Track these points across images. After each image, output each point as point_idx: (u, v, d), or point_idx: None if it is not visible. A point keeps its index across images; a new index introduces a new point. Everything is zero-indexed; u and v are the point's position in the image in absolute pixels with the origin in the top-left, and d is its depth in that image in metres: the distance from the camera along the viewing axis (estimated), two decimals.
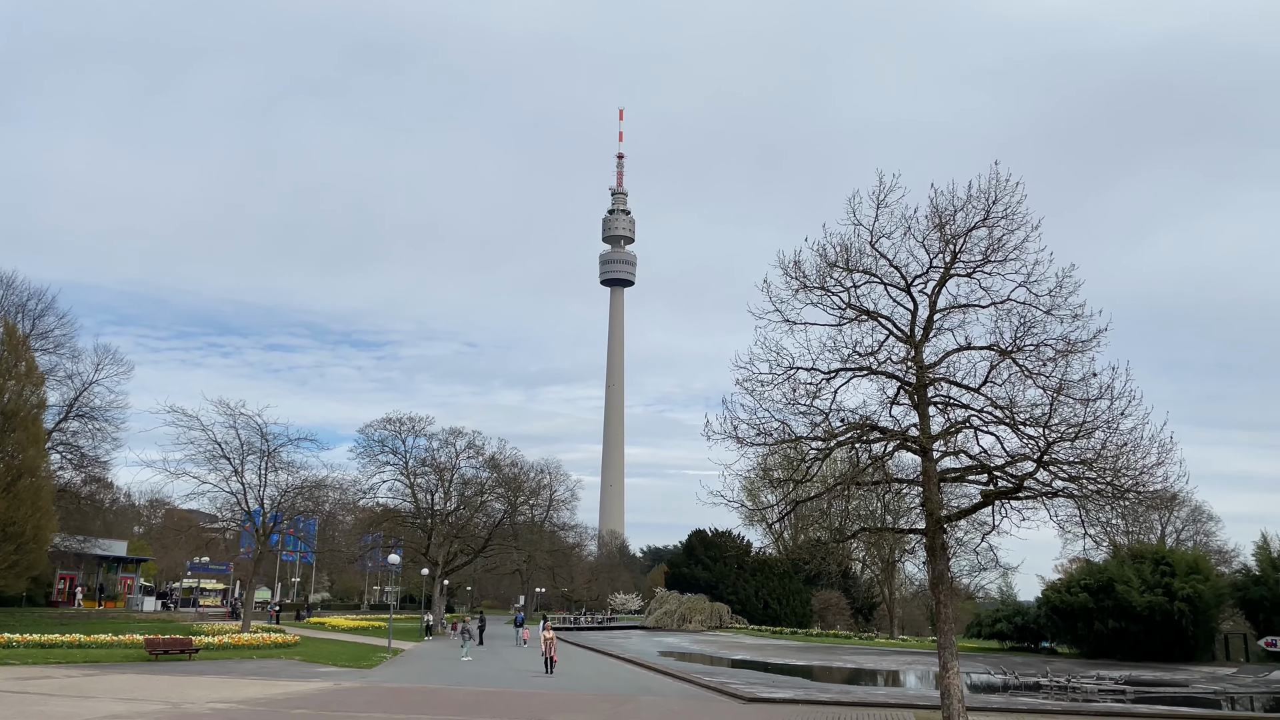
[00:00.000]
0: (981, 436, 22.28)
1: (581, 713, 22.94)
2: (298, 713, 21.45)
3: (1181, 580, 56.77)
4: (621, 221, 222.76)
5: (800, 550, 54.06)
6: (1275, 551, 60.74)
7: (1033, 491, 21.31)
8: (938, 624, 21.97)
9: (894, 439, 22.78)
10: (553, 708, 23.91)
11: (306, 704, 23.34)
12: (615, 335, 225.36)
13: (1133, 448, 19.80)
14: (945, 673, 20.75)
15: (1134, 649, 57.21)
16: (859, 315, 23.00)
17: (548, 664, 35.89)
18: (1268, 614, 57.74)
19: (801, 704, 26.99)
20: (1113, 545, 64.32)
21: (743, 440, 22.73)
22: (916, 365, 22.46)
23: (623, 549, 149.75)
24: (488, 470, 77.25)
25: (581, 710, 23.49)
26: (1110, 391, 19.88)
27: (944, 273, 22.35)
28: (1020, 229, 21.40)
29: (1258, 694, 38.24)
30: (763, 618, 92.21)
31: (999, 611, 72.97)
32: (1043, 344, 21.09)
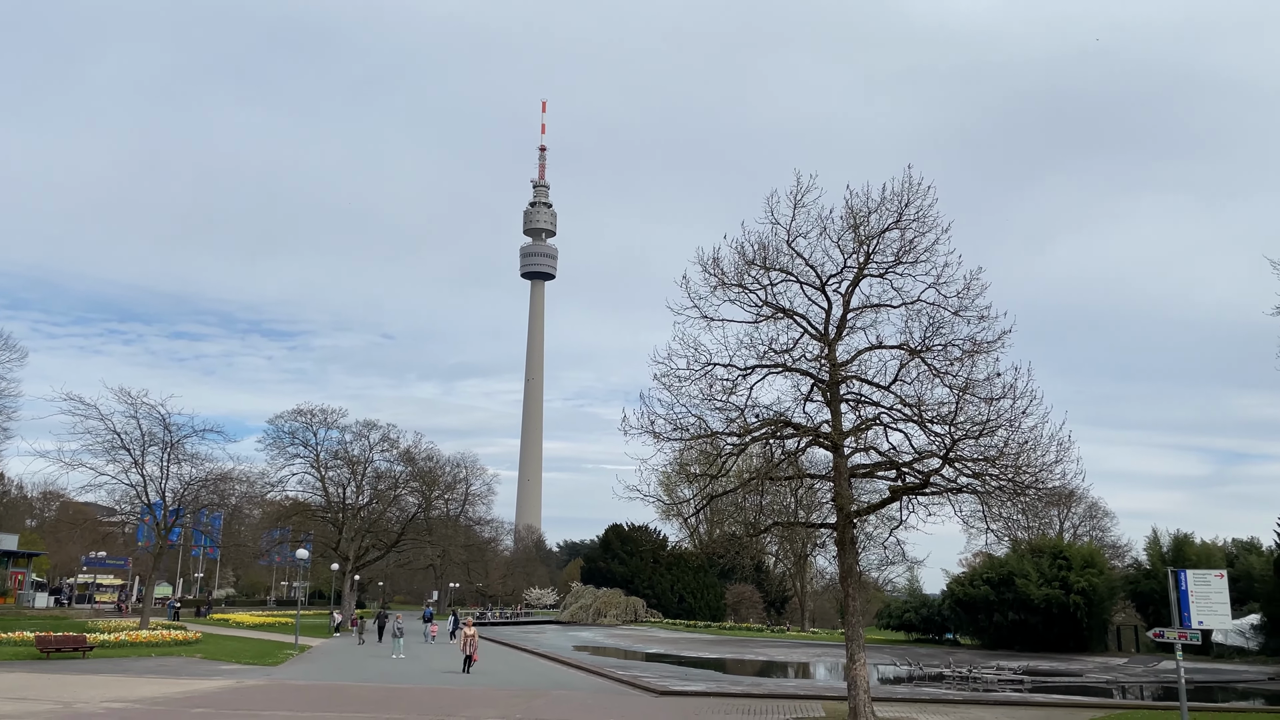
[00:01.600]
0: (891, 433, 22.88)
1: (492, 708, 22.77)
2: (198, 712, 20.81)
3: (1077, 574, 59.15)
4: (543, 214, 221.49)
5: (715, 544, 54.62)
6: (1165, 547, 63.75)
7: (939, 487, 21.93)
8: (846, 617, 22.44)
9: (807, 435, 23.19)
10: (463, 703, 23.68)
11: (208, 703, 22.66)
12: (535, 329, 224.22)
13: (1033, 446, 20.55)
14: (853, 664, 21.20)
15: (1032, 640, 59.35)
16: (775, 313, 23.34)
17: (466, 663, 34.00)
18: (1157, 606, 60.53)
19: (713, 696, 27.27)
20: (1013, 540, 66.52)
21: (659, 435, 22.88)
22: (830, 363, 22.89)
23: (539, 544, 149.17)
24: (402, 464, 76.03)
25: (492, 705, 23.32)
26: (1013, 391, 20.59)
27: (858, 273, 22.82)
28: (931, 232, 22.01)
29: (1147, 683, 40.02)
30: (677, 611, 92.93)
31: (906, 604, 74.92)
32: (950, 344, 21.73)
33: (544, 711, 22.70)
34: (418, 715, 20.97)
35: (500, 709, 22.57)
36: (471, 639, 34.19)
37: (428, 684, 29.71)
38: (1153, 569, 62.25)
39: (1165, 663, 48.17)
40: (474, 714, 21.43)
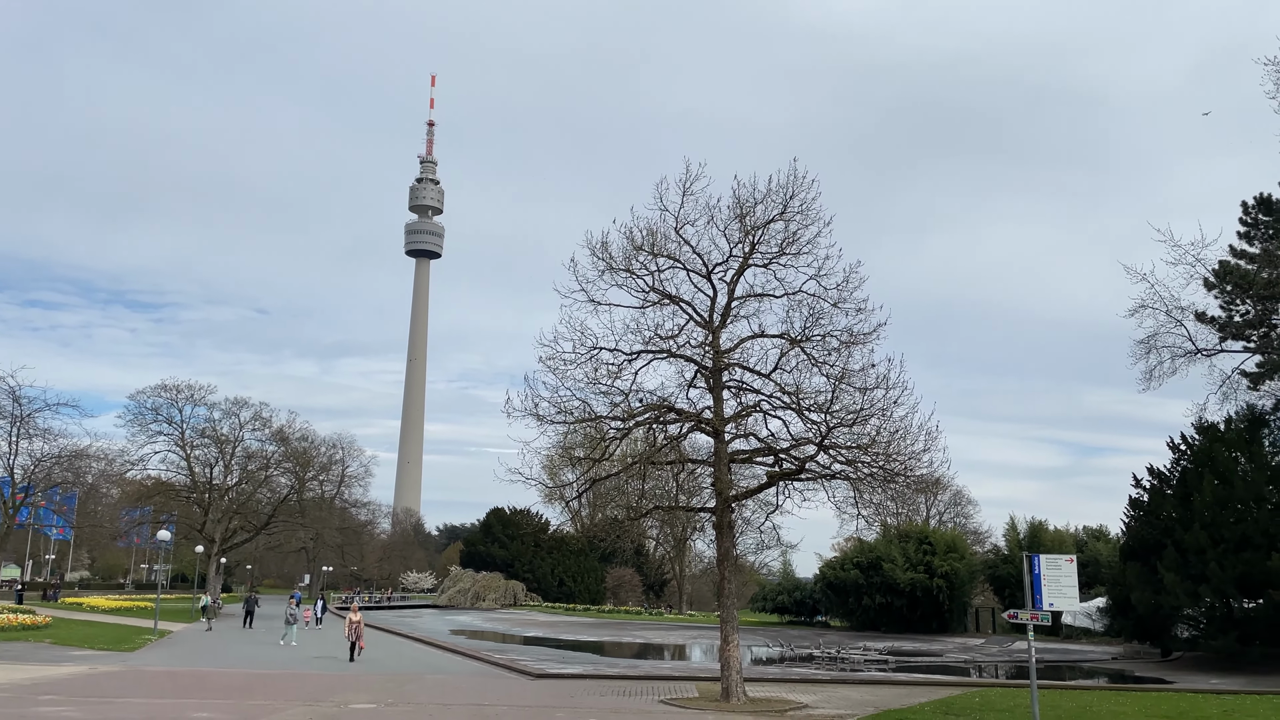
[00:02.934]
0: (770, 420, 23.40)
1: (362, 692, 22.30)
2: (46, 699, 19.67)
3: (941, 559, 61.89)
4: (430, 191, 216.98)
5: (597, 528, 54.87)
6: (1022, 533, 67.34)
7: (814, 473, 22.57)
8: (721, 599, 22.87)
9: (689, 420, 23.49)
10: (331, 689, 23.11)
11: (58, 690, 21.45)
12: (419, 308, 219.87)
13: (903, 434, 21.36)
14: (726, 645, 21.63)
15: (898, 622, 61.84)
16: (662, 299, 23.50)
17: (352, 650, 31.69)
18: (1013, 589, 63.85)
19: (590, 678, 27.40)
20: (883, 525, 69.09)
21: (543, 418, 22.78)
22: (714, 350, 23.22)
23: (418, 527, 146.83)
24: (275, 443, 73.60)
25: (362, 690, 22.84)
26: (886, 381, 21.37)
27: (743, 262, 23.19)
28: (814, 225, 22.57)
29: (1002, 662, 42.23)
30: (557, 595, 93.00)
31: (780, 587, 76.99)
32: (829, 334, 22.36)
33: (417, 696, 22.36)
34: (282, 701, 20.36)
35: (371, 694, 22.13)
36: (357, 625, 31.97)
37: (295, 669, 28.88)
38: (1010, 554, 65.59)
39: (1019, 643, 50.88)
40: (342, 699, 20.94)
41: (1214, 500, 41.72)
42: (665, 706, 20.59)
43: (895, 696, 23.10)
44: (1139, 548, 45.99)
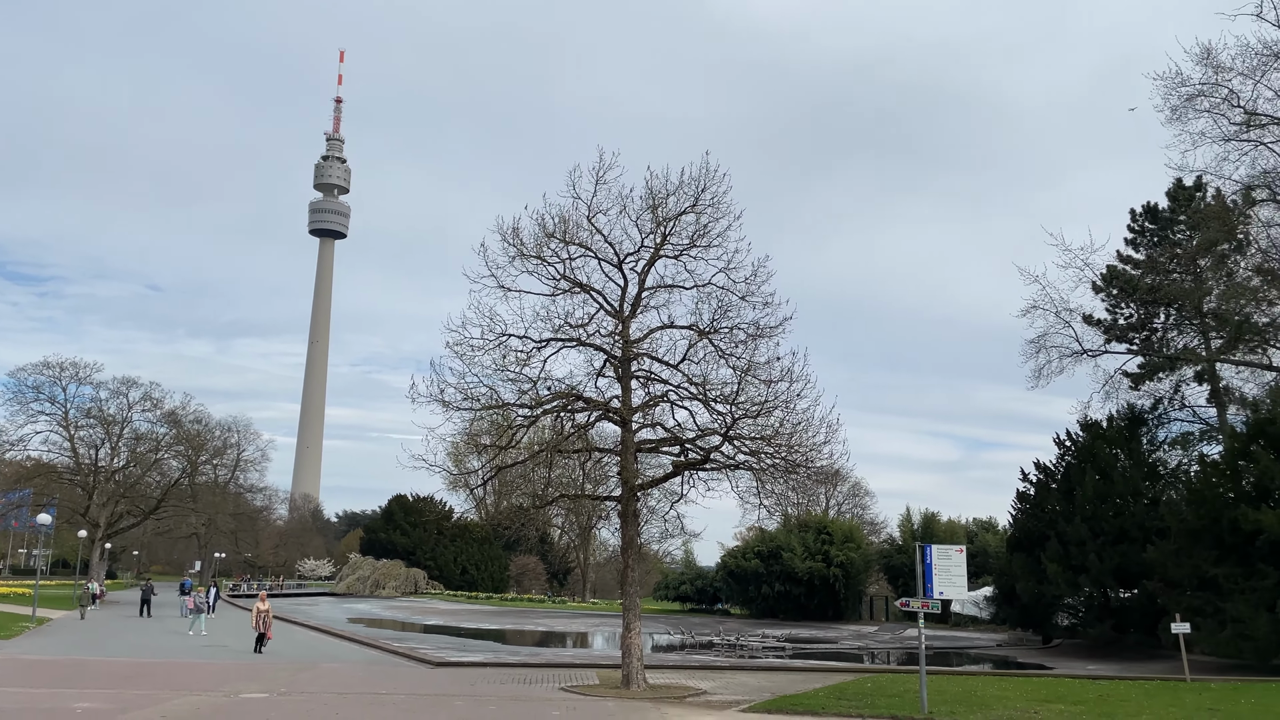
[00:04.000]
0: (677, 410, 23.61)
1: (254, 682, 21.72)
2: None
3: (838, 548, 63.48)
4: (336, 169, 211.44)
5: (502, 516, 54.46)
6: (916, 524, 69.51)
7: (718, 463, 22.88)
8: (624, 587, 23.01)
9: (597, 409, 23.52)
10: (222, 678, 22.45)
11: None
12: (322, 289, 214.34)
13: (805, 426, 21.83)
14: (628, 633, 21.78)
15: (796, 610, 63.22)
16: (572, 287, 23.43)
17: (259, 641, 29.95)
18: (906, 578, 65.89)
19: (491, 666, 27.26)
20: (784, 515, 70.47)
21: (449, 404, 22.49)
22: (623, 339, 23.27)
23: (316, 513, 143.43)
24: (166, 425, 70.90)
25: (254, 679, 22.24)
26: (790, 375, 21.79)
27: (654, 253, 23.29)
28: (725, 218, 22.81)
29: (894, 649, 43.59)
30: (460, 583, 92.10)
31: (683, 576, 77.84)
32: (736, 327, 22.68)
33: (311, 685, 21.89)
34: (169, 691, 19.68)
35: (262, 683, 21.56)
36: (266, 615, 30.25)
37: (183, 659, 27.95)
38: (904, 544, 67.66)
39: (910, 630, 52.53)
40: (233, 688, 20.36)
41: (1095, 494, 43.76)
42: (566, 694, 20.63)
43: (791, 683, 23.63)
44: (1025, 539, 47.94)
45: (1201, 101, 29.15)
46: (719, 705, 19.06)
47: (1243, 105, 28.63)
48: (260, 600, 31.47)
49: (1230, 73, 28.62)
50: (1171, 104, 29.77)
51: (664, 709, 18.13)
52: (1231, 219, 33.44)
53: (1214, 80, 28.81)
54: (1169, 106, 29.88)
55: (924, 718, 17.36)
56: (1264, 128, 28.64)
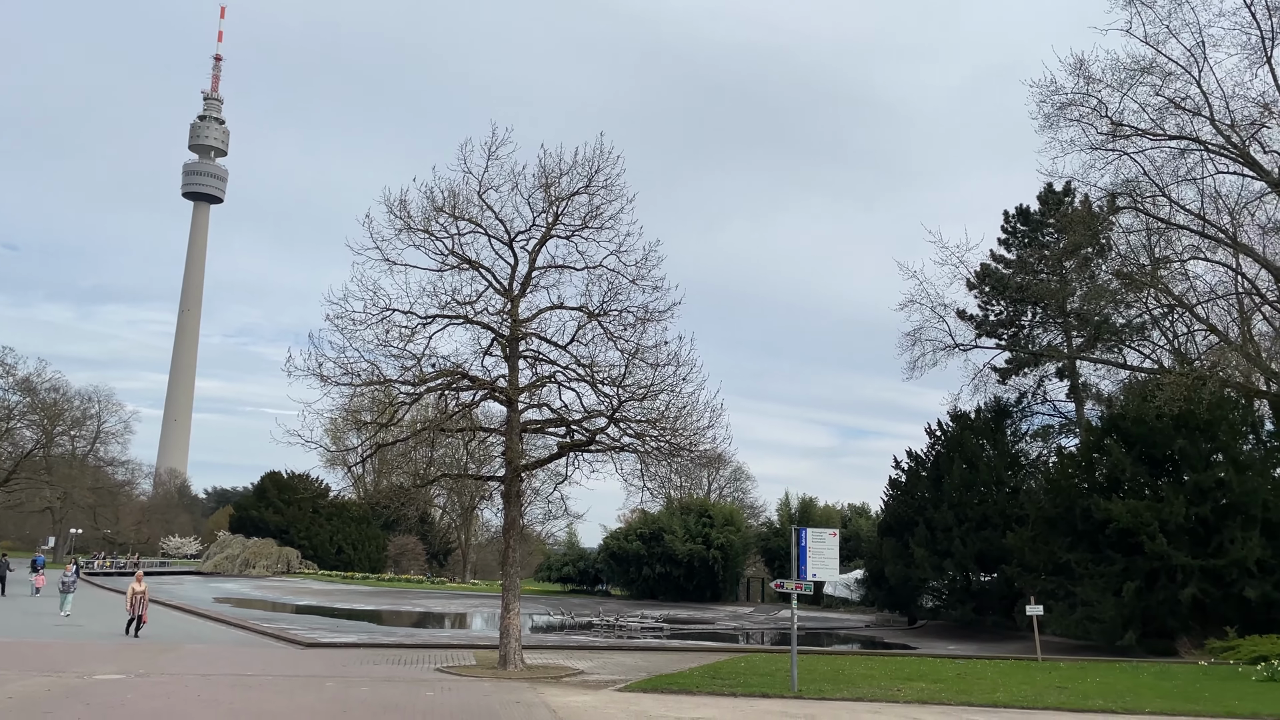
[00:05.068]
0: (564, 392, 23.51)
1: (111, 663, 20.70)
2: None
3: (719, 531, 64.69)
4: (213, 131, 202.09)
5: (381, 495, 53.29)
6: (794, 508, 71.43)
7: (604, 445, 22.92)
8: (505, 568, 22.86)
9: (483, 388, 23.21)
10: (76, 658, 21.32)
11: None
12: (195, 256, 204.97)
13: (690, 410, 22.08)
14: (507, 613, 21.66)
15: (675, 591, 64.18)
16: (461, 263, 23.02)
17: (134, 624, 27.96)
18: (783, 561, 67.69)
19: (365, 647, 26.71)
20: (667, 498, 71.37)
21: (327, 379, 21.82)
22: (511, 319, 23.02)
23: (184, 489, 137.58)
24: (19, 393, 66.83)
25: (111, 661, 21.20)
26: (677, 359, 22.00)
27: (546, 232, 23.08)
28: (617, 200, 22.78)
29: (768, 629, 44.72)
30: (335, 563, 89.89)
31: (565, 557, 77.99)
32: (626, 310, 22.70)
33: (172, 666, 21.00)
34: (16, 672, 18.56)
35: (120, 664, 20.57)
36: (141, 596, 28.34)
37: (34, 638, 26.42)
38: (782, 528, 69.46)
39: (784, 611, 53.97)
40: (87, 669, 19.36)
41: (961, 483, 45.78)
42: (441, 674, 20.39)
43: (668, 662, 23.96)
44: (895, 524, 49.79)
45: (1073, 110, 30.63)
46: (595, 685, 19.16)
47: (1110, 116, 30.21)
48: (136, 580, 29.81)
49: (1100, 84, 30.18)
50: (1045, 111, 31.19)
51: (540, 689, 18.11)
52: (1095, 224, 35.31)
53: (1085, 91, 30.32)
54: (1043, 114, 31.31)
55: (794, 695, 17.85)
56: (1128, 138, 30.30)
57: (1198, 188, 31.07)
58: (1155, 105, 29.92)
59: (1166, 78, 29.58)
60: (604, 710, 15.49)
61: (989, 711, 17.16)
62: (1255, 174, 29.13)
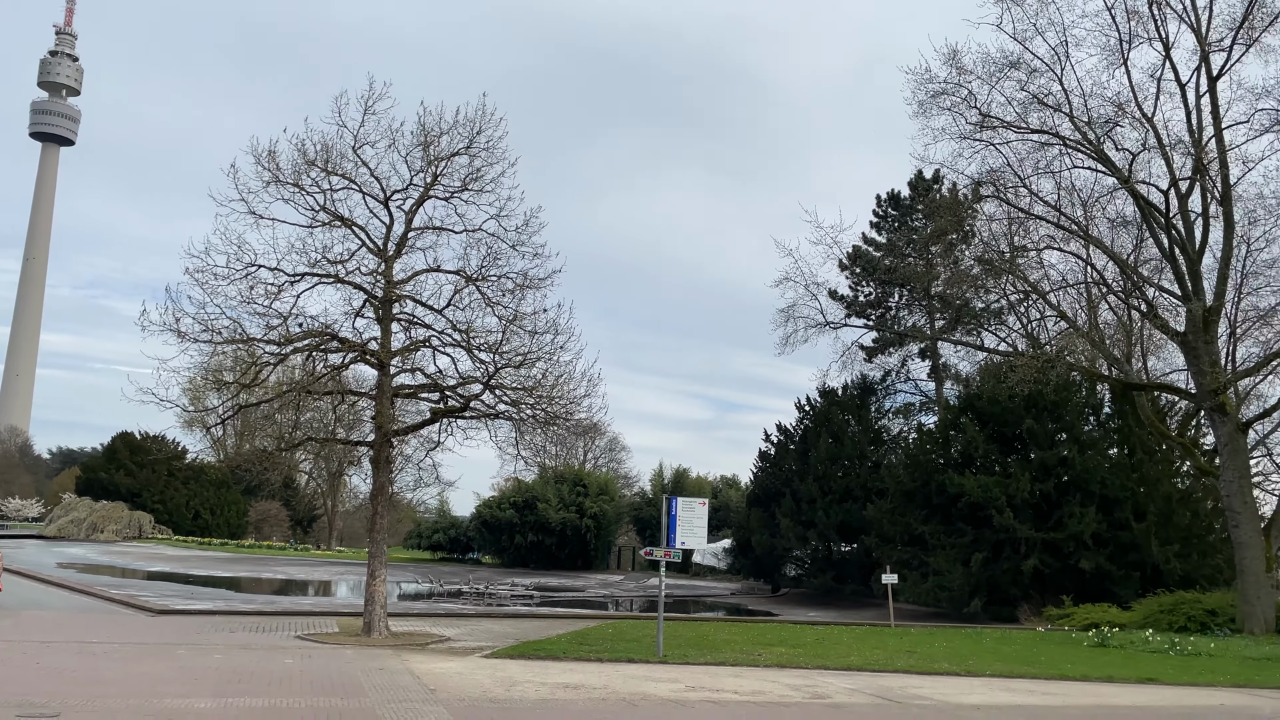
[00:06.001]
0: (439, 357, 23.09)
1: None
2: None
3: (592, 500, 65.13)
4: (65, 68, 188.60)
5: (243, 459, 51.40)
6: (667, 478, 72.54)
7: (478, 412, 22.65)
8: (372, 534, 22.43)
9: (354, 351, 22.56)
10: None
11: None
12: (43, 200, 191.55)
13: (567, 379, 22.02)
14: (373, 580, 21.27)
15: (547, 559, 64.40)
16: (333, 220, 22.23)
17: None
18: (654, 530, 68.70)
19: (221, 614, 25.78)
20: (541, 467, 71.33)
21: (185, 335, 20.76)
22: (385, 280, 22.40)
23: (25, 448, 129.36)
24: None
25: None
26: (555, 327, 21.86)
27: (424, 192, 22.51)
28: (499, 163, 22.39)
29: (637, 597, 45.35)
30: (192, 528, 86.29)
31: (436, 525, 77.11)
32: (505, 276, 22.41)
33: (9, 633, 19.77)
34: None
35: None
36: None
37: None
38: (655, 497, 70.51)
39: (653, 579, 54.85)
40: None
41: (827, 456, 47.35)
42: (301, 642, 19.88)
43: (536, 629, 24.02)
44: (763, 495, 51.17)
45: (945, 99, 31.78)
46: (462, 651, 19.06)
47: (979, 107, 31.48)
48: None
49: (971, 76, 31.38)
50: (919, 99, 32.27)
51: (405, 656, 17.88)
52: (961, 211, 36.85)
53: (957, 81, 31.47)
54: (917, 101, 32.37)
55: (659, 660, 18.18)
56: (995, 130, 31.64)
57: (1055, 181, 32.77)
58: (1020, 99, 31.35)
59: (1032, 74, 31.00)
60: (470, 676, 15.42)
61: (843, 674, 17.90)
62: (1108, 170, 30.90)
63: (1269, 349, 34.46)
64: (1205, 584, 34.45)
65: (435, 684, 14.39)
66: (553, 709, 12.63)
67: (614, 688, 14.79)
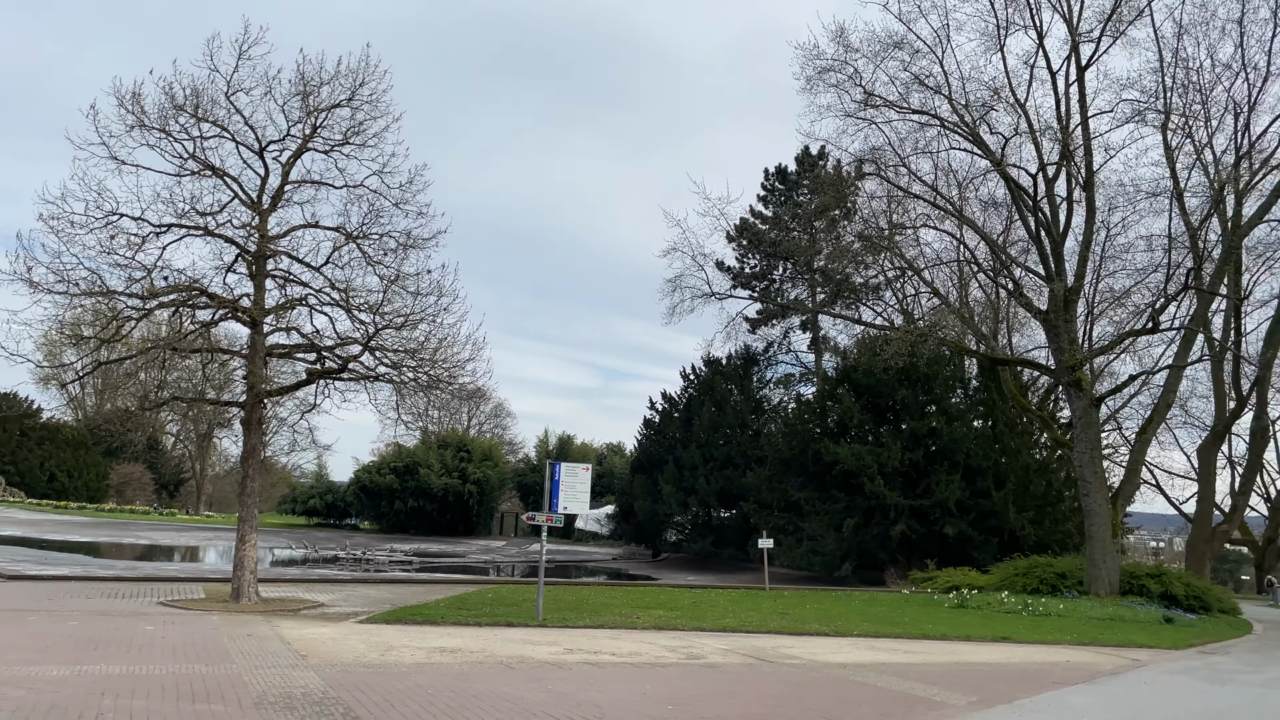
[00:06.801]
0: (316, 316, 22.33)
1: None
2: None
3: (476, 466, 64.61)
4: None
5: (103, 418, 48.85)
6: (552, 445, 72.46)
7: (357, 374, 22.05)
8: (242, 498, 21.65)
9: (224, 307, 21.60)
10: None
11: None
12: None
13: (451, 342, 21.65)
14: (243, 545, 20.59)
15: (429, 525, 63.69)
16: (203, 169, 21.15)
17: None
18: (538, 496, 68.66)
19: (78, 580, 24.52)
20: (424, 432, 70.28)
21: (38, 285, 19.47)
22: (259, 234, 21.49)
23: None
24: None
25: None
26: (440, 288, 21.41)
27: (302, 144, 21.64)
28: (383, 118, 21.67)
29: (519, 562, 45.34)
30: (47, 491, 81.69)
31: (312, 489, 75.18)
32: (387, 234, 21.77)
33: None
34: None
35: None
36: None
37: None
38: (539, 464, 70.41)
39: (536, 545, 54.93)
40: None
41: (710, 424, 48.14)
42: (165, 608, 19.11)
43: (414, 594, 23.73)
44: (647, 462, 51.71)
45: (831, 76, 32.33)
46: (336, 617, 18.67)
47: (864, 85, 32.15)
48: None
49: (857, 54, 31.99)
50: (807, 75, 32.73)
51: (275, 621, 17.40)
52: (844, 188, 37.71)
53: (844, 59, 32.03)
54: (805, 77, 32.83)
55: (538, 624, 18.23)
56: (878, 109, 32.39)
57: (934, 161, 33.84)
58: (903, 80, 32.16)
59: (915, 55, 31.81)
60: (344, 642, 15.13)
61: (718, 636, 18.32)
62: (982, 153, 32.06)
63: (1122, 329, 36.63)
64: (1057, 549, 36.63)
65: (306, 649, 14.07)
66: (429, 673, 12.51)
67: (492, 651, 14.76)
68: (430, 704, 10.34)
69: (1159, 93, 31.87)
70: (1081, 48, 30.87)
